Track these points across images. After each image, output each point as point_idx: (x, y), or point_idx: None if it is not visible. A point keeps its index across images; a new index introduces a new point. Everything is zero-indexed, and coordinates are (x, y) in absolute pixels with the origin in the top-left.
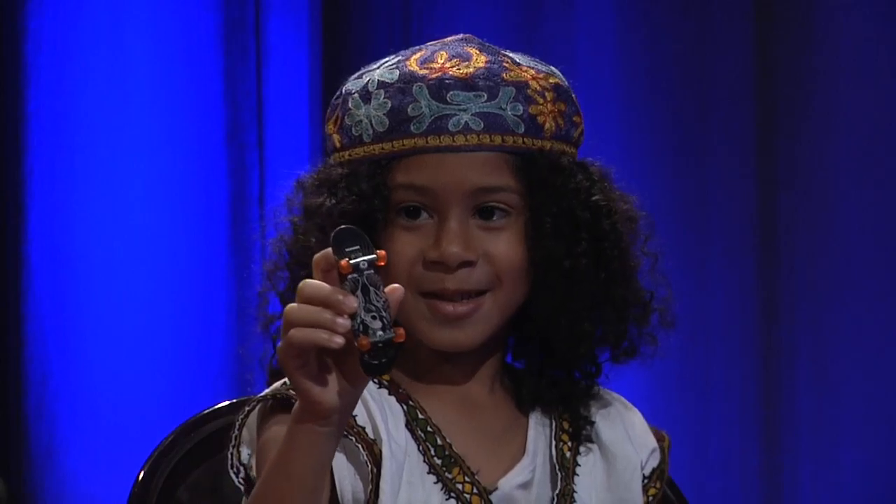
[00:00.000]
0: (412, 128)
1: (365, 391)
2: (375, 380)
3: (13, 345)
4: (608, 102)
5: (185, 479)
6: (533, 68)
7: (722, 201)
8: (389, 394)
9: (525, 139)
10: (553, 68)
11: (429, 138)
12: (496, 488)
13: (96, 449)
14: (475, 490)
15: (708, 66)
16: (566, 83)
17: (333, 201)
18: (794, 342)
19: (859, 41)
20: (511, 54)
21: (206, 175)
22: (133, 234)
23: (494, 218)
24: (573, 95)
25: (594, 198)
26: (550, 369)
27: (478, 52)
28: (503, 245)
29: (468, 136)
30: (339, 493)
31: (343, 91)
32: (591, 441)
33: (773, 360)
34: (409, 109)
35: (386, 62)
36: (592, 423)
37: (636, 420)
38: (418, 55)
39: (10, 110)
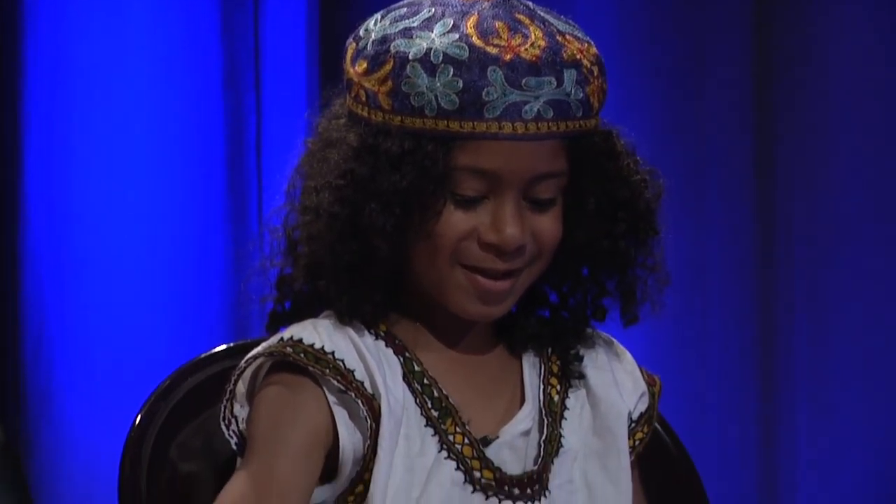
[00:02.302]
0: (485, 112)
1: (362, 344)
2: (371, 331)
3: (10, 290)
4: (605, 48)
5: (181, 425)
6: (575, 38)
7: (719, 151)
8: (386, 346)
9: (581, 122)
10: (580, 30)
11: (502, 124)
12: (497, 437)
13: (93, 394)
14: (466, 440)
15: (706, 16)
16: (595, 46)
17: (397, 176)
18: (790, 290)
19: None
20: (549, 18)
21: (202, 119)
22: (130, 180)
23: (544, 197)
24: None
25: (634, 178)
26: (544, 310)
27: (529, 20)
28: (548, 223)
29: (539, 125)
30: (340, 449)
31: (392, 50)
32: (579, 377)
33: (769, 308)
34: (483, 93)
35: (440, 24)
36: (581, 358)
37: (626, 364)
38: (472, 21)
39: (9, 58)
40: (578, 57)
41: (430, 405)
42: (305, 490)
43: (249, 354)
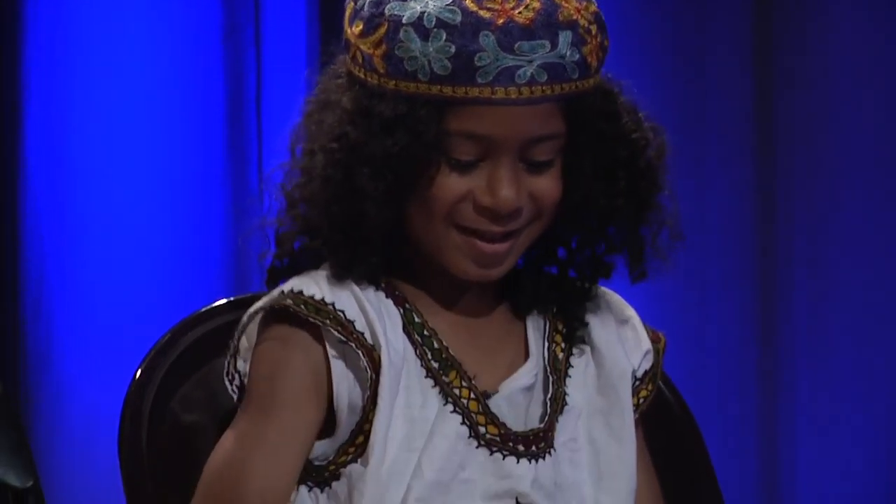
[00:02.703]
0: (478, 78)
1: (362, 295)
2: (372, 283)
3: (9, 245)
4: (604, 2)
5: (182, 380)
6: None
7: (720, 102)
8: (386, 297)
9: (577, 83)
10: None
11: (495, 89)
12: (496, 391)
13: (93, 349)
14: (472, 395)
15: None
16: (595, 3)
17: (389, 141)
18: (790, 242)
19: None
20: None
21: (202, 75)
22: (130, 137)
23: (541, 159)
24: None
25: (633, 136)
26: (549, 268)
27: None
28: (546, 184)
29: (533, 88)
30: (335, 399)
31: (386, 13)
32: (583, 343)
33: (770, 260)
34: (475, 59)
35: None
36: (586, 325)
37: (631, 321)
38: None
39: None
40: (575, 17)
41: (430, 357)
42: (302, 442)
43: (251, 309)
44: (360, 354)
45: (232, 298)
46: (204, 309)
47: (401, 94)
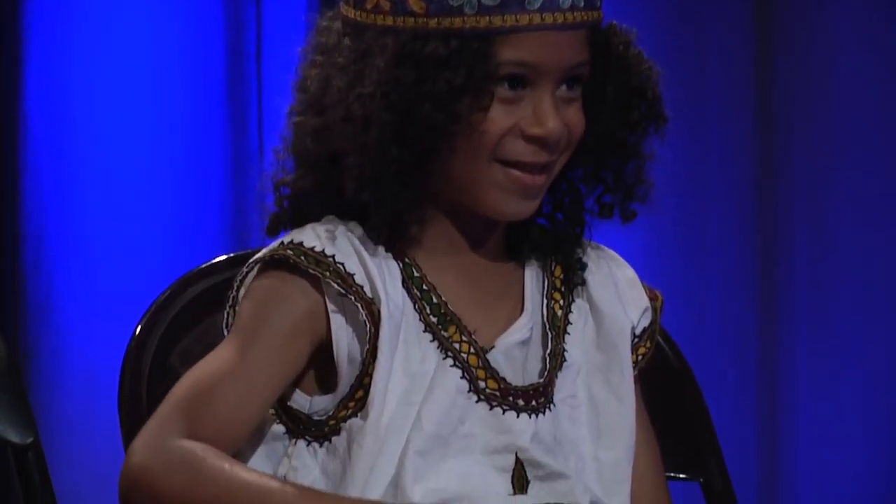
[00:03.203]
0: (526, 5)
1: (362, 248)
2: (372, 236)
3: (10, 199)
4: None
5: (182, 335)
6: None
7: (719, 61)
8: (386, 251)
9: (600, 12)
10: None
11: (544, 15)
12: (493, 346)
13: (93, 304)
14: (472, 349)
15: None
16: None
17: (447, 76)
18: (791, 201)
19: None
20: None
21: (202, 29)
22: (130, 91)
23: (575, 88)
24: None
25: (645, 66)
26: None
27: None
28: (576, 114)
29: (574, 14)
30: (335, 351)
31: None
32: (582, 300)
33: (769, 218)
34: None
35: None
36: (584, 280)
37: (629, 279)
38: None
39: None
40: None
41: (429, 311)
42: (276, 378)
43: (251, 260)
44: (360, 307)
45: (231, 254)
46: (204, 265)
47: (446, 31)
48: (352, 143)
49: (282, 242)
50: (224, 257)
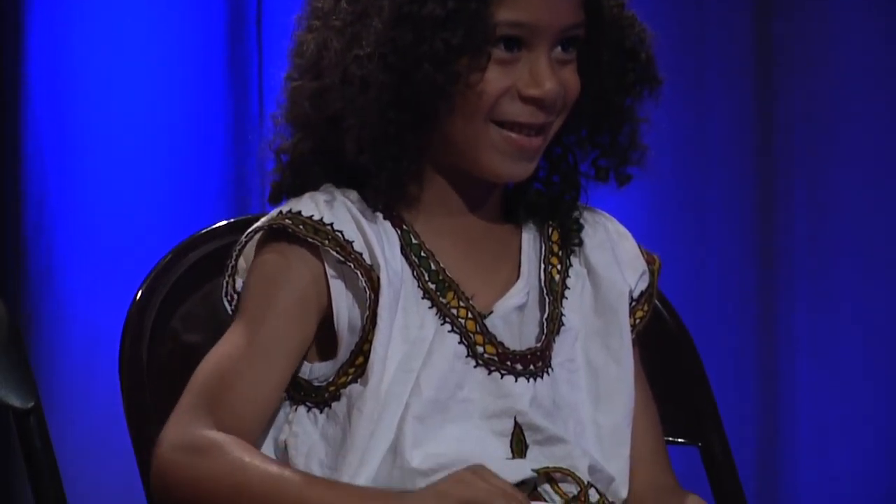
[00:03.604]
0: None
1: (360, 216)
2: (370, 204)
3: (11, 163)
4: None
5: (183, 299)
6: None
7: (719, 27)
8: (384, 218)
9: None
10: None
11: None
12: (491, 312)
13: (94, 269)
14: (470, 315)
15: None
16: None
17: (445, 36)
18: (790, 166)
19: None
20: None
21: None
22: (131, 54)
23: (570, 50)
24: None
25: (637, 29)
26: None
27: None
28: (571, 76)
29: None
30: (335, 318)
31: None
32: (579, 264)
33: (769, 183)
34: None
35: None
36: (581, 242)
37: (626, 243)
38: None
39: None
40: None
41: (427, 278)
42: (291, 352)
43: (249, 229)
44: (359, 275)
45: (232, 220)
46: (204, 230)
47: None
48: (350, 105)
49: (280, 211)
50: (224, 222)
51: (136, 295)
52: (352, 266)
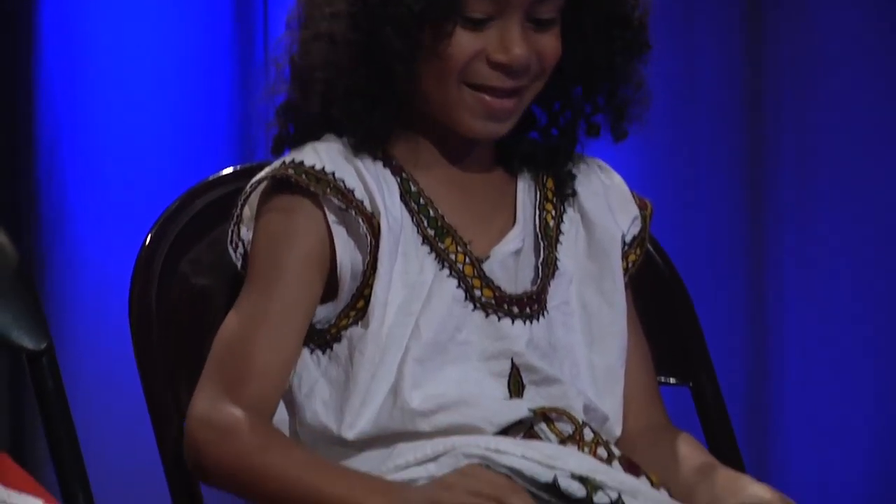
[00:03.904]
0: None
1: (361, 165)
2: (371, 153)
3: (23, 111)
4: None
5: (191, 244)
6: None
7: None
8: (384, 167)
9: None
10: None
11: None
12: (488, 257)
13: (105, 215)
14: (467, 260)
15: None
16: None
17: (409, 2)
18: (779, 114)
19: None
20: None
21: None
22: (139, 5)
23: (546, 17)
24: None
25: None
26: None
27: None
28: (550, 42)
29: None
30: (338, 264)
31: None
32: (573, 210)
33: (758, 130)
34: None
35: None
36: (575, 192)
37: (619, 189)
38: None
39: None
40: None
41: (426, 224)
42: (306, 310)
43: (254, 179)
44: (360, 221)
45: (238, 167)
46: (211, 177)
47: None
48: (320, 59)
49: (283, 162)
50: (230, 170)
51: (145, 240)
52: (353, 213)
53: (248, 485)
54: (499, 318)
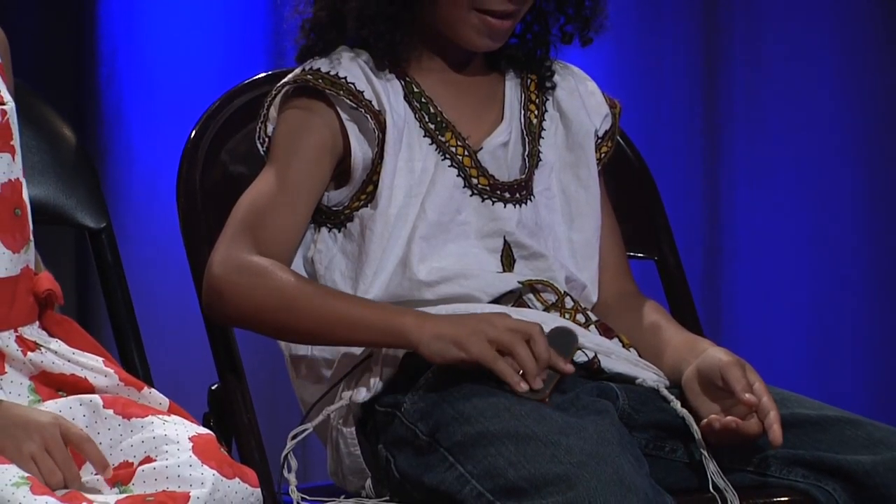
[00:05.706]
0: None
1: (370, 70)
2: (378, 60)
3: (88, 21)
4: None
5: (229, 137)
6: None
7: None
8: (390, 71)
9: None
10: None
11: None
12: (481, 148)
13: (156, 112)
14: (465, 152)
15: None
16: None
17: None
18: (731, 19)
19: None
20: None
21: None
22: None
23: None
24: None
25: None
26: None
27: None
28: None
29: None
30: (351, 154)
31: None
32: (553, 109)
33: (714, 37)
34: None
35: None
36: (555, 85)
37: (591, 90)
38: None
39: None
40: None
41: (427, 120)
42: (314, 189)
43: (278, 84)
44: (369, 118)
45: (270, 72)
46: (247, 80)
47: None
48: None
49: (303, 69)
50: (263, 74)
51: (190, 133)
52: (362, 111)
53: (279, 317)
54: (493, 202)
